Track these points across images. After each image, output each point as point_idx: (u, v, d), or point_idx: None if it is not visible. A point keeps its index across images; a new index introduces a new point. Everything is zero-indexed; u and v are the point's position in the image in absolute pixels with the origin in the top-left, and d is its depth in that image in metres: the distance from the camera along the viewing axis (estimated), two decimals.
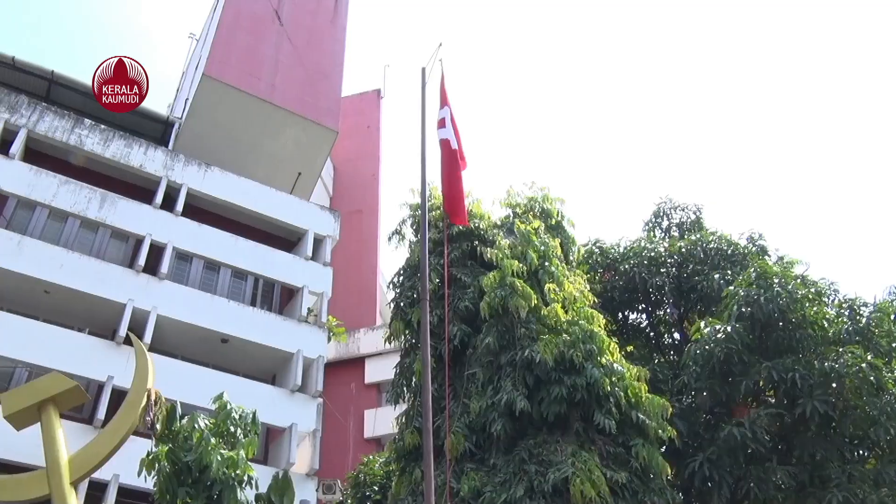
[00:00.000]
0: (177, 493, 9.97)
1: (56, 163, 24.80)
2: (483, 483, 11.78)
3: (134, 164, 25.67)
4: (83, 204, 23.82)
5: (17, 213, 24.05)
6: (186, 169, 26.46)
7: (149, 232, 24.08)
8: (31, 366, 20.52)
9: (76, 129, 25.23)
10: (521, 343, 12.84)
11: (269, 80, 29.81)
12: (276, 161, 29.90)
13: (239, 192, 27.01)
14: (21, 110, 24.52)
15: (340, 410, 29.31)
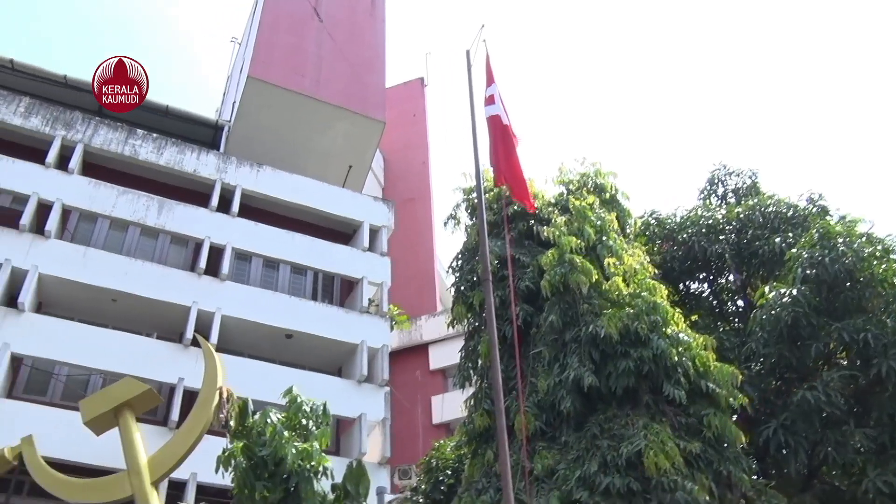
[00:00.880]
0: (254, 487, 10.16)
1: (113, 174, 25.39)
2: (556, 461, 11.79)
3: (188, 169, 26.17)
4: (142, 212, 24.37)
5: (80, 226, 24.77)
6: (239, 170, 26.86)
7: (207, 235, 24.53)
8: (104, 372, 21.11)
9: (130, 139, 25.80)
10: (585, 319, 12.78)
11: (314, 76, 30.04)
12: (326, 156, 30.16)
13: (292, 189, 27.33)
14: (76, 126, 25.17)
15: (407, 398, 29.56)
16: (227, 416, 10.41)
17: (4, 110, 24.49)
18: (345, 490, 9.93)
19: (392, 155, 45.25)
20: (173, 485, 18.68)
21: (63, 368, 21.96)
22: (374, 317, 25.25)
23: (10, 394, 20.52)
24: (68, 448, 18.15)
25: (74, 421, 17.43)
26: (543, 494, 11.31)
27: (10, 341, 20.01)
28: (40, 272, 21.47)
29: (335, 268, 26.53)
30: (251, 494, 10.16)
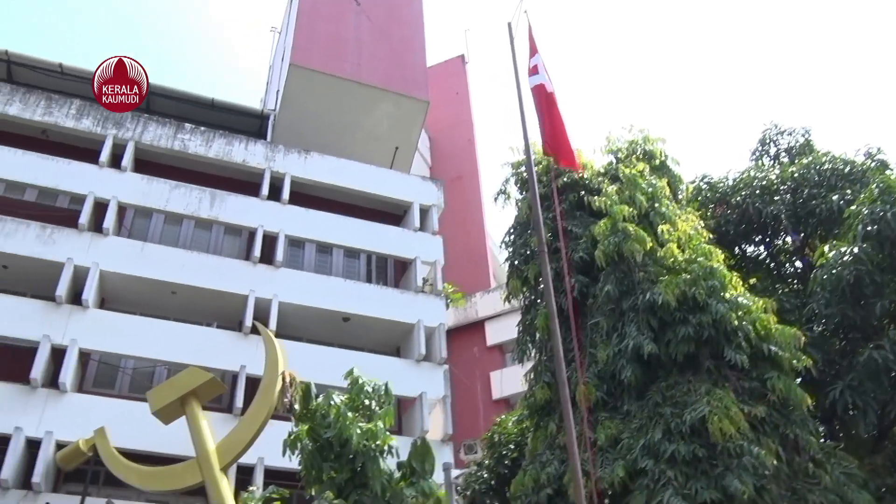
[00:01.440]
0: (322, 468, 10.32)
1: (164, 169, 25.84)
2: (619, 430, 11.74)
3: (237, 159, 26.52)
4: (195, 205, 24.79)
5: (136, 222, 25.34)
6: (287, 158, 27.12)
7: (260, 223, 24.86)
8: (168, 363, 21.60)
9: (178, 134, 26.22)
10: (641, 287, 12.65)
11: (355, 60, 30.10)
12: (372, 138, 30.26)
13: (341, 173, 27.51)
14: (126, 124, 25.68)
15: (466, 375, 29.68)
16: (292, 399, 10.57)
17: (57, 113, 25.06)
18: (411, 468, 10.04)
19: (437, 134, 45.22)
20: (242, 470, 19.07)
21: (129, 361, 22.54)
22: (429, 296, 25.36)
23: (80, 388, 21.14)
24: (138, 438, 18.62)
25: (143, 411, 17.88)
26: (608, 464, 11.29)
27: (78, 337, 20.57)
28: (101, 269, 22.02)
29: (388, 249, 26.70)
30: (319, 475, 10.33)
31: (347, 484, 10.02)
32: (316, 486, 10.37)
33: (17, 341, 20.55)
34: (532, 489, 12.13)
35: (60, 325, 20.70)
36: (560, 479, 11.77)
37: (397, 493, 9.66)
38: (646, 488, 10.76)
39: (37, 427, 19.00)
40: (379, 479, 9.87)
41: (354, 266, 27.14)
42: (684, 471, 10.76)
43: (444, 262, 26.63)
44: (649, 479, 10.81)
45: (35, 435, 18.90)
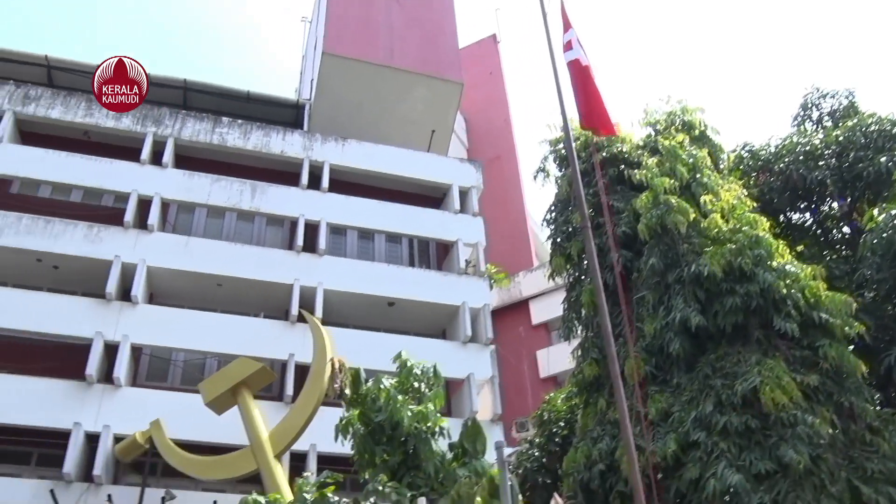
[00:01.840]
0: (374, 451, 10.41)
1: (204, 163, 26.14)
2: (670, 404, 11.70)
3: (275, 150, 26.71)
4: (236, 197, 25.04)
5: (180, 217, 25.71)
6: (325, 146, 27.25)
7: (301, 212, 25.04)
8: (218, 355, 21.90)
9: (216, 128, 26.48)
10: (686, 259, 12.56)
11: (387, 45, 30.08)
12: (408, 123, 30.25)
13: (379, 159, 27.57)
14: (165, 121, 26.00)
15: (513, 354, 29.70)
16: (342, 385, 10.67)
17: (97, 114, 25.45)
18: (462, 448, 10.09)
19: (473, 115, 45.08)
20: (295, 456, 19.33)
21: (179, 354, 22.92)
22: (472, 277, 25.37)
23: (134, 382, 21.53)
24: (193, 429, 19.02)
25: (196, 403, 18.33)
26: (660, 437, 11.26)
27: (129, 333, 20.94)
28: (148, 265, 22.37)
29: (429, 232, 26.73)
30: (371, 459, 10.42)
31: (400, 466, 10.11)
32: (369, 469, 10.47)
33: (71, 339, 20.99)
34: (584, 465, 12.15)
35: (112, 322, 21.10)
36: (612, 454, 11.77)
37: (450, 474, 9.72)
38: (699, 461, 10.72)
39: (95, 421, 19.42)
40: (431, 460, 9.94)
41: (397, 251, 27.25)
42: (737, 442, 10.71)
43: (485, 242, 26.58)
44: (702, 451, 10.77)
45: (93, 429, 19.32)
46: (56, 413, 19.34)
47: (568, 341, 15.46)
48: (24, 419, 19.19)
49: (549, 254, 15.96)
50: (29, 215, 22.58)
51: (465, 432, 10.13)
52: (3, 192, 24.14)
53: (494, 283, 25.94)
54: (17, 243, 21.95)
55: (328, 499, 9.69)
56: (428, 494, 9.19)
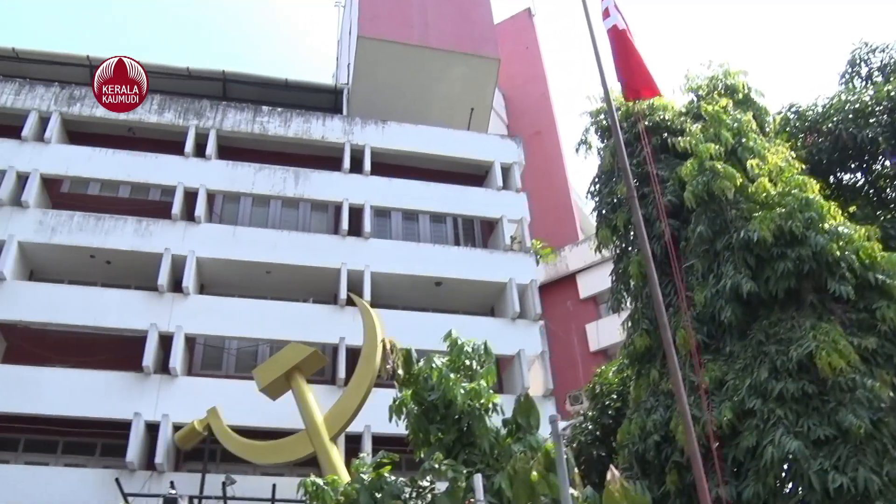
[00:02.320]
0: (428, 430, 10.45)
1: (247, 153, 26.43)
2: (723, 372, 11.56)
3: (316, 136, 26.89)
4: (280, 185, 25.29)
5: (226, 207, 26.08)
6: (365, 129, 27.34)
7: (345, 197, 25.21)
8: (270, 341, 22.21)
9: (257, 117, 26.73)
10: (735, 225, 12.36)
11: (422, 25, 30.00)
12: (446, 102, 30.20)
13: (419, 139, 27.61)
14: (206, 113, 26.33)
15: (562, 329, 29.64)
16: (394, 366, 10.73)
17: (140, 110, 25.80)
18: (516, 424, 10.09)
19: (511, 91, 44.81)
20: (350, 438, 19.55)
21: (232, 342, 23.30)
22: (518, 254, 25.34)
23: (189, 371, 21.98)
24: (248, 415, 19.35)
25: (250, 389, 18.64)
26: (715, 406, 11.15)
27: (182, 323, 21.34)
28: (197, 256, 22.74)
29: (473, 210, 26.74)
30: (426, 438, 10.47)
31: (455, 444, 10.15)
32: (424, 448, 10.53)
33: (127, 332, 21.47)
34: (639, 437, 12.07)
35: (165, 313, 21.50)
36: (666, 425, 11.68)
37: (505, 450, 9.73)
38: (755, 428, 10.59)
39: (154, 411, 19.86)
40: (486, 437, 9.96)
41: (441, 230, 27.30)
42: (794, 408, 10.54)
43: (529, 218, 26.51)
44: (758, 419, 10.63)
45: (153, 419, 19.76)
46: (116, 404, 19.85)
47: (617, 313, 15.35)
48: (87, 411, 19.75)
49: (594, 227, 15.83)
50: (80, 213, 23.11)
51: (518, 408, 10.13)
52: (55, 192, 24.72)
53: (540, 259, 25.76)
54: (71, 241, 22.48)
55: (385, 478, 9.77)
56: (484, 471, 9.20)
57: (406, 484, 9.91)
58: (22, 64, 27.93)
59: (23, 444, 20.69)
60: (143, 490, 18.04)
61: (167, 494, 15.97)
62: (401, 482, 9.87)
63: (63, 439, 20.74)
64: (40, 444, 20.69)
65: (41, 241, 22.43)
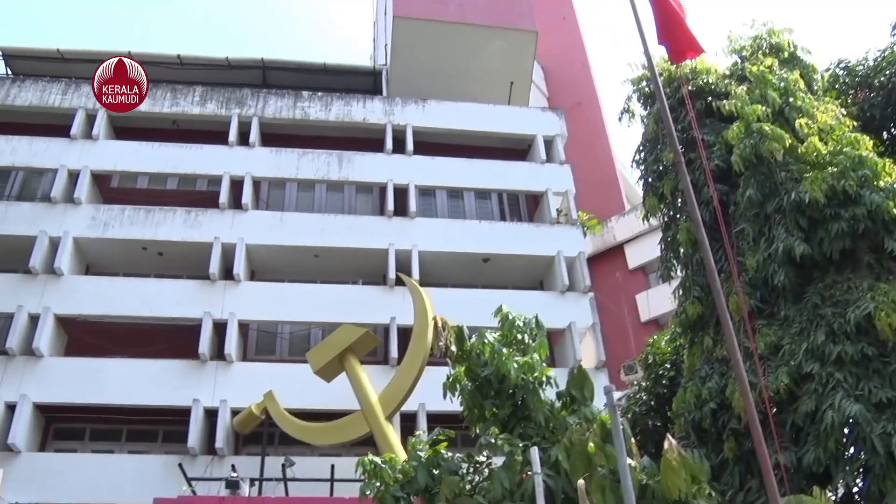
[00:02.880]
0: (483, 406, 10.48)
1: (290, 139, 26.62)
2: (779, 337, 11.41)
3: (357, 119, 26.95)
4: (324, 168, 25.44)
5: (272, 194, 26.33)
6: (405, 109, 27.34)
7: (389, 177, 25.27)
8: (322, 324, 22.41)
9: (298, 103, 26.89)
10: (785, 187, 12.14)
11: (456, 1, 29.79)
12: (485, 77, 30.02)
13: (460, 116, 27.53)
14: (247, 102, 26.57)
15: (612, 300, 29.45)
16: (446, 343, 10.74)
17: (183, 102, 26.19)
18: (570, 396, 10.06)
19: (550, 63, 44.42)
20: (405, 417, 19.70)
21: (284, 327, 23.59)
22: (564, 226, 25.19)
23: (244, 357, 22.30)
24: (304, 397, 19.61)
25: (304, 372, 18.88)
26: (771, 372, 11.02)
27: (235, 310, 21.65)
28: (246, 243, 23.01)
29: (517, 185, 26.63)
30: (481, 413, 10.51)
31: (510, 418, 10.17)
32: (479, 423, 10.57)
33: (182, 320, 21.85)
34: (694, 405, 12.00)
35: (218, 301, 21.83)
36: (722, 392, 11.59)
37: (561, 422, 9.71)
38: (814, 393, 10.45)
39: (212, 397, 20.22)
40: (541, 410, 9.95)
41: (487, 206, 27.26)
42: (854, 371, 10.38)
43: (575, 190, 26.30)
44: (817, 383, 10.49)
45: (211, 405, 20.12)
46: (176, 391, 20.25)
47: (667, 282, 15.22)
48: (148, 399, 20.18)
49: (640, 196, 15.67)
50: (131, 206, 23.53)
51: (572, 380, 10.09)
52: (105, 187, 25.19)
53: (587, 231, 25.65)
54: (123, 234, 22.92)
55: (441, 455, 9.84)
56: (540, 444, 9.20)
57: (463, 459, 9.97)
58: (67, 64, 28.41)
59: (89, 434, 21.29)
60: (206, 474, 18.41)
61: (229, 477, 16.29)
62: (457, 458, 9.92)
63: (126, 427, 21.28)
64: (105, 433, 21.28)
65: (95, 235, 22.89)
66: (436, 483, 9.47)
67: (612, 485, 7.84)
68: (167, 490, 16.79)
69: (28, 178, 25.37)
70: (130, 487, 18.53)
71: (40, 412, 20.19)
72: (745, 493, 10.73)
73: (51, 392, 20.05)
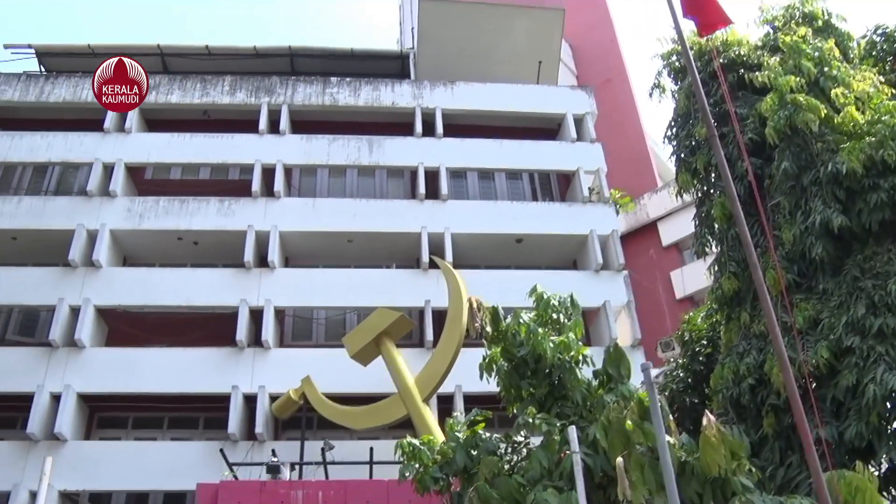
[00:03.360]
0: (520, 386, 10.48)
1: (320, 125, 26.68)
2: (817, 311, 11.26)
3: (386, 103, 26.95)
4: (355, 154, 25.49)
5: (303, 181, 26.46)
6: (434, 92, 27.28)
7: (420, 161, 25.28)
8: (357, 308, 22.53)
9: (326, 89, 26.94)
10: (821, 158, 11.92)
11: None
12: (514, 57, 29.82)
13: (489, 98, 27.42)
14: (276, 90, 26.69)
15: (646, 278, 29.26)
16: (482, 324, 10.74)
17: (213, 93, 26.38)
18: (607, 374, 10.03)
19: (578, 41, 44.04)
20: (442, 399, 19.77)
21: (320, 312, 23.76)
22: (597, 205, 25.03)
23: (281, 343, 22.53)
24: (341, 382, 19.78)
25: (341, 357, 19.03)
26: (810, 346, 10.89)
27: (271, 297, 21.84)
28: (280, 230, 23.16)
29: (548, 165, 26.49)
30: (518, 394, 10.52)
31: (547, 398, 10.16)
32: (516, 404, 10.59)
33: (219, 308, 22.09)
34: (732, 381, 11.90)
35: (254, 288, 22.02)
36: (760, 367, 11.47)
37: (598, 401, 9.69)
38: (855, 367, 10.31)
39: (250, 383, 20.44)
40: (578, 389, 9.94)
41: (518, 187, 27.17)
42: None
43: (606, 168, 26.09)
44: (857, 356, 10.35)
45: (250, 391, 20.34)
46: (215, 379, 20.51)
47: (702, 258, 15.06)
48: (188, 387, 20.45)
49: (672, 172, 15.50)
50: (165, 197, 23.79)
51: (608, 358, 10.06)
52: (140, 179, 25.49)
53: (620, 208, 25.46)
54: (158, 225, 23.19)
55: (479, 436, 9.87)
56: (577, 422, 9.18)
57: (501, 440, 10.00)
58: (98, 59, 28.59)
59: (132, 422, 21.68)
60: (246, 459, 18.65)
61: (270, 462, 16.49)
62: (495, 438, 9.96)
63: (168, 415, 21.62)
64: (147, 421, 21.65)
65: (131, 227, 23.18)
66: (474, 463, 9.51)
67: (651, 462, 7.82)
68: (209, 475, 17.03)
69: (64, 172, 25.78)
70: (173, 473, 18.88)
71: (84, 402, 20.58)
72: (785, 469, 10.62)
73: (93, 382, 20.43)
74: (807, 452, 7.66)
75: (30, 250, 23.32)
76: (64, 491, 18.80)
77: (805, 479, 9.92)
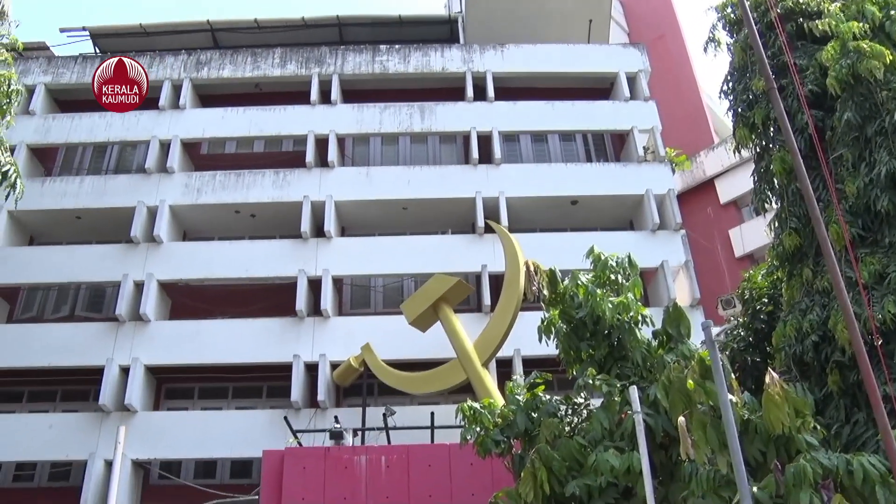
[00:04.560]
0: (579, 348, 10.48)
1: (371, 94, 26.72)
2: (883, 265, 10.96)
3: (436, 68, 26.82)
4: (406, 121, 25.45)
5: (356, 150, 26.60)
6: (484, 56, 27.05)
7: (472, 125, 25.14)
8: (414, 275, 22.64)
9: (376, 57, 26.90)
10: (887, 107, 11.50)
11: None
12: (563, 17, 29.37)
13: (540, 59, 27.09)
14: (326, 60, 26.76)
15: (704, 237, 28.82)
16: (539, 287, 10.73)
17: (264, 66, 26.57)
18: (666, 334, 9.97)
19: None
20: (501, 363, 19.84)
21: (377, 280, 23.95)
22: (652, 164, 24.64)
23: (340, 312, 22.80)
24: (400, 348, 19.96)
25: (400, 324, 19.20)
26: (876, 302, 10.63)
27: (329, 267, 22.06)
28: (335, 200, 23.33)
29: (602, 125, 26.14)
30: (577, 355, 10.51)
31: (606, 359, 10.15)
32: (576, 366, 10.59)
33: (278, 279, 22.43)
34: (795, 339, 11.67)
35: (311, 258, 22.27)
36: (824, 324, 11.23)
37: (658, 361, 9.65)
38: None
39: (311, 352, 20.74)
40: (637, 349, 9.90)
41: (572, 148, 26.90)
42: None
43: (661, 126, 25.63)
44: None
45: (311, 359, 20.65)
46: (276, 348, 20.87)
47: (762, 215, 14.76)
48: (250, 357, 20.87)
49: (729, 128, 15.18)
50: (221, 172, 24.13)
51: (668, 318, 9.99)
52: (196, 155, 25.89)
53: (676, 167, 25.01)
54: (216, 199, 23.57)
55: (539, 398, 9.92)
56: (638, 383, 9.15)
57: (561, 402, 10.02)
58: (150, 37, 29.10)
59: (197, 392, 22.23)
60: (310, 426, 18.99)
61: (333, 429, 16.76)
62: (555, 400, 9.98)
63: (232, 385, 22.11)
64: (213, 391, 22.18)
65: (189, 202, 23.60)
66: (535, 426, 9.56)
67: (714, 421, 7.75)
68: (274, 443, 17.40)
69: (123, 151, 26.33)
70: (239, 441, 19.35)
71: (152, 374, 21.16)
72: (851, 427, 10.43)
73: (159, 354, 20.98)
74: (874, 409, 7.52)
75: (93, 229, 23.94)
76: (136, 459, 19.42)
77: (872, 437, 9.74)
